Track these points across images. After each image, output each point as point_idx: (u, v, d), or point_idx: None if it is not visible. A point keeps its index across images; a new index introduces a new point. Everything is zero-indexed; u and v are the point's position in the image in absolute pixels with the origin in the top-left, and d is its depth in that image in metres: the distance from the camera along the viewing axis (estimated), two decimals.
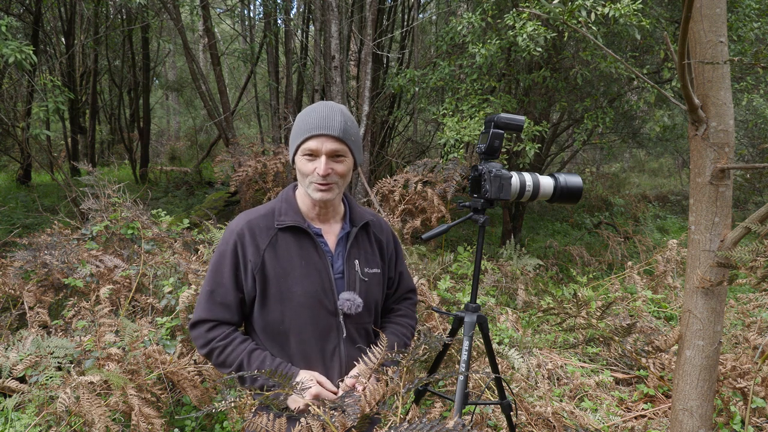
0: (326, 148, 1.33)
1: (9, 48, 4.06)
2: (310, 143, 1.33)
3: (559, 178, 1.78)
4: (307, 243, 1.42)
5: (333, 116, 1.34)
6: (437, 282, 4.28)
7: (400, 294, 1.63)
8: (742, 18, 4.78)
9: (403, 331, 1.56)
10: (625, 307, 4.15)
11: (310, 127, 1.34)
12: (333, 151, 1.34)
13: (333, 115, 1.34)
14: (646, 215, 9.21)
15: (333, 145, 1.34)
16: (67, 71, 9.94)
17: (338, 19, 5.98)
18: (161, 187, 9.89)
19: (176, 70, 16.94)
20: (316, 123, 1.33)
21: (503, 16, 4.51)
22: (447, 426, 1.00)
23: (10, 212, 6.96)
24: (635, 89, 6.19)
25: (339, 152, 1.35)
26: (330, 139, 1.33)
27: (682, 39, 1.42)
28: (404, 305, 1.64)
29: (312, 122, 1.34)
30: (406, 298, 1.66)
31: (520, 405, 2.86)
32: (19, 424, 2.27)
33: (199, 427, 2.64)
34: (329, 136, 1.33)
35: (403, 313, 1.61)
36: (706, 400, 1.82)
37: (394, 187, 4.73)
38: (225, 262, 1.40)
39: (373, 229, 1.54)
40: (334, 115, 1.35)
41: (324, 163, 1.33)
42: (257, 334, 1.44)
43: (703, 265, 1.76)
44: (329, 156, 1.34)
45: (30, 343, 2.56)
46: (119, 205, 3.68)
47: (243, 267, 1.38)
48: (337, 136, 1.33)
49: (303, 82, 9.07)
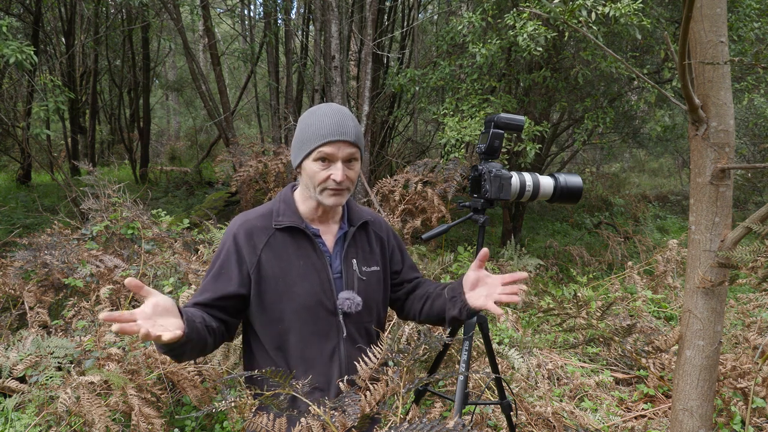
0: (343, 153, 1.34)
1: (9, 48, 4.06)
2: (327, 149, 1.33)
3: (559, 178, 1.78)
4: (305, 243, 1.42)
5: (346, 121, 1.35)
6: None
7: (406, 278, 1.61)
8: (743, 18, 4.77)
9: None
10: (625, 307, 4.15)
11: (325, 133, 1.33)
12: (349, 156, 1.35)
13: (346, 120, 1.35)
14: (646, 215, 9.20)
15: (349, 149, 1.34)
16: (67, 71, 9.94)
17: (338, 19, 5.98)
18: (161, 187, 9.89)
19: (176, 70, 16.94)
20: (331, 128, 1.33)
21: (504, 15, 4.50)
22: (447, 426, 1.00)
23: (10, 212, 6.96)
24: (635, 89, 6.19)
25: (354, 156, 1.37)
26: (346, 145, 1.34)
27: (683, 39, 1.42)
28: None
29: (327, 127, 1.33)
30: (418, 282, 1.62)
31: (520, 405, 2.86)
32: (19, 424, 2.27)
33: (199, 427, 2.64)
34: (345, 141, 1.33)
35: (433, 283, 1.61)
36: (707, 400, 1.81)
37: (395, 187, 4.73)
38: (223, 263, 1.39)
39: (373, 227, 1.55)
40: (347, 119, 1.35)
41: (341, 170, 1.34)
42: (256, 334, 1.43)
43: (703, 265, 1.76)
44: (345, 161, 1.35)
45: (30, 343, 2.56)
46: (119, 205, 3.68)
47: (238, 267, 1.38)
48: (352, 141, 1.35)
49: (303, 82, 9.07)
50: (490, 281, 1.39)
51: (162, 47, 13.65)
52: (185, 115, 16.41)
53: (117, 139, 13.24)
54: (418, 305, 1.55)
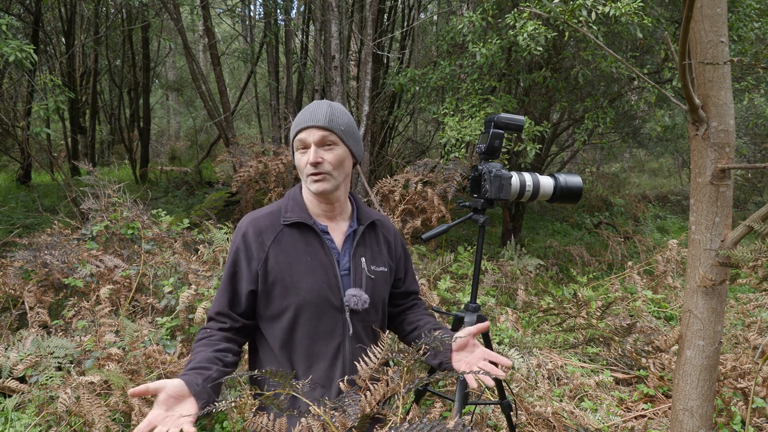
0: (314, 137, 1.38)
1: (9, 47, 4.06)
2: (300, 135, 1.39)
3: (559, 178, 1.77)
4: (313, 239, 1.43)
5: (319, 108, 1.40)
6: (437, 282, 4.29)
7: (406, 290, 1.63)
8: (743, 18, 4.77)
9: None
10: (625, 307, 4.15)
11: (298, 123, 1.40)
12: (320, 140, 1.38)
13: (319, 108, 1.40)
14: (646, 215, 9.20)
15: (319, 133, 1.38)
16: (67, 71, 9.94)
17: (338, 19, 5.98)
18: (161, 187, 9.88)
19: (176, 70, 16.94)
20: (304, 117, 1.40)
21: (504, 15, 4.51)
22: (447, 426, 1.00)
23: (10, 212, 6.96)
24: (636, 89, 6.19)
25: (327, 140, 1.39)
26: (316, 129, 1.38)
27: (683, 39, 1.42)
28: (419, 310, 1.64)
29: (301, 118, 1.41)
30: (414, 304, 1.65)
31: (520, 405, 2.86)
32: (19, 424, 2.27)
33: (199, 427, 2.64)
34: (315, 126, 1.38)
35: (426, 313, 1.62)
36: (707, 400, 1.81)
37: (395, 187, 4.73)
38: (235, 263, 1.42)
39: (381, 229, 1.56)
40: (321, 107, 1.41)
41: (313, 152, 1.37)
42: (262, 333, 1.44)
43: (703, 265, 1.76)
44: (318, 145, 1.39)
45: (30, 343, 2.56)
46: (119, 205, 3.68)
47: (248, 265, 1.40)
48: (322, 125, 1.38)
49: (303, 82, 9.07)
50: (476, 351, 1.41)
51: (162, 47, 13.66)
52: (185, 115, 16.41)
53: (117, 139, 13.24)
54: (406, 328, 1.59)
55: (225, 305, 1.40)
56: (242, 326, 1.41)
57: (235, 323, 1.40)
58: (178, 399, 1.16)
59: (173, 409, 1.14)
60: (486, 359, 1.37)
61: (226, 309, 1.40)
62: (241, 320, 1.40)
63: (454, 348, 1.42)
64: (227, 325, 1.39)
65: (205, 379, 1.22)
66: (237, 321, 1.40)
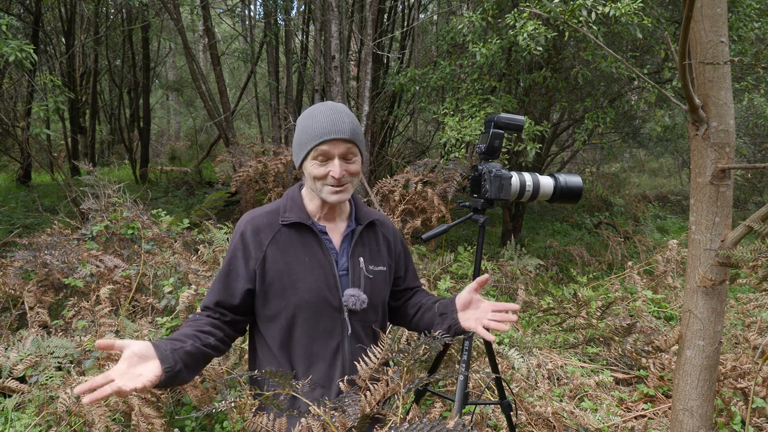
0: (339, 150, 1.35)
1: (9, 47, 4.06)
2: (323, 147, 1.35)
3: (559, 178, 1.77)
4: (311, 240, 1.43)
5: (341, 118, 1.36)
6: (437, 282, 4.28)
7: (407, 287, 1.63)
8: (743, 18, 4.77)
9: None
10: (625, 307, 4.15)
11: (320, 132, 1.35)
12: (345, 152, 1.36)
13: (341, 117, 1.36)
14: (646, 215, 9.20)
15: (344, 146, 1.36)
16: (67, 71, 9.94)
17: (338, 19, 5.98)
18: (161, 187, 9.88)
19: (176, 70, 16.94)
20: (326, 127, 1.34)
21: (504, 15, 4.50)
22: (447, 426, 1.00)
23: (10, 212, 6.96)
24: (636, 89, 6.19)
25: (350, 152, 1.37)
26: (341, 142, 1.35)
27: (683, 39, 1.42)
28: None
29: (321, 127, 1.35)
30: (416, 292, 1.65)
31: (520, 405, 2.86)
32: (19, 424, 2.27)
33: (199, 427, 2.64)
34: (341, 139, 1.34)
35: (428, 294, 1.63)
36: (707, 400, 1.81)
37: (395, 187, 4.73)
38: (232, 260, 1.42)
39: (380, 228, 1.56)
40: (342, 116, 1.36)
41: (339, 166, 1.35)
42: (261, 333, 1.44)
43: (703, 265, 1.76)
44: (342, 158, 1.36)
45: (30, 343, 2.56)
46: (119, 205, 3.68)
47: (245, 263, 1.40)
48: (348, 138, 1.35)
49: (303, 82, 9.07)
50: (482, 306, 1.43)
51: (162, 47, 13.66)
52: (185, 115, 16.41)
53: (117, 139, 13.24)
54: (410, 312, 1.58)
55: (213, 301, 1.40)
56: (231, 320, 1.41)
57: (224, 317, 1.40)
58: (143, 358, 1.16)
59: (135, 367, 1.15)
60: (494, 310, 1.40)
61: (214, 305, 1.40)
62: (230, 315, 1.40)
63: (459, 308, 1.44)
64: (216, 316, 1.40)
65: (175, 349, 1.22)
66: (226, 315, 1.40)
